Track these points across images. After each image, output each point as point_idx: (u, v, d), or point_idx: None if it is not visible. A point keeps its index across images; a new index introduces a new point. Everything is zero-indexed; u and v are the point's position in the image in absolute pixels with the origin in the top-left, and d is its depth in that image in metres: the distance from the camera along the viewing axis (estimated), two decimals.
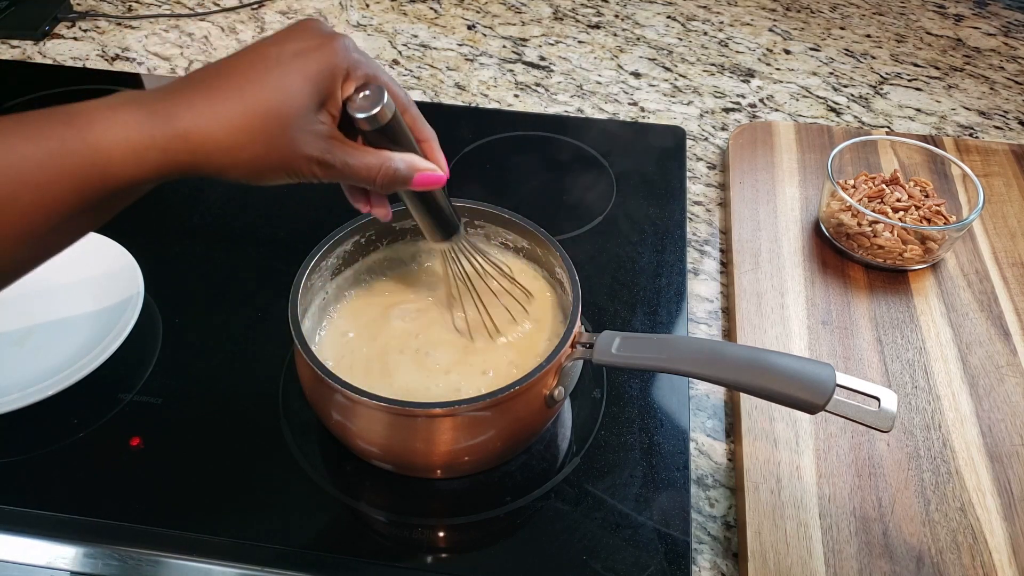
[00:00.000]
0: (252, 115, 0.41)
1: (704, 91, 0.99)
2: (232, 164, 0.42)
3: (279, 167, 0.43)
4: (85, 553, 0.55)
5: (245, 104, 0.41)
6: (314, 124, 0.43)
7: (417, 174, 0.48)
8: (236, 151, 0.41)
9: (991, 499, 0.57)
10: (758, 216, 0.78)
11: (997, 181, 0.82)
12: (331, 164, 0.44)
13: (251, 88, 0.42)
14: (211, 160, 0.41)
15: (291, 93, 0.42)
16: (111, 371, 0.63)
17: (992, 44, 1.07)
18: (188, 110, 0.40)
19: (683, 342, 0.55)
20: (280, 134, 0.42)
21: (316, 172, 0.44)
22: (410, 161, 0.47)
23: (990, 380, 0.64)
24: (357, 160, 0.45)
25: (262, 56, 0.43)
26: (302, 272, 0.57)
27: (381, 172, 0.46)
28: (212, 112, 0.41)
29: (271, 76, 0.42)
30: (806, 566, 0.53)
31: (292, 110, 0.42)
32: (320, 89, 0.43)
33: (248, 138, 0.41)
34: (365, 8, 1.12)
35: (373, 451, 0.54)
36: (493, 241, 0.64)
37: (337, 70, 0.44)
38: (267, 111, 0.41)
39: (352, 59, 0.44)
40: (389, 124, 0.46)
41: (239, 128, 0.41)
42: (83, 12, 1.08)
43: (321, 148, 0.43)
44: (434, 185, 0.49)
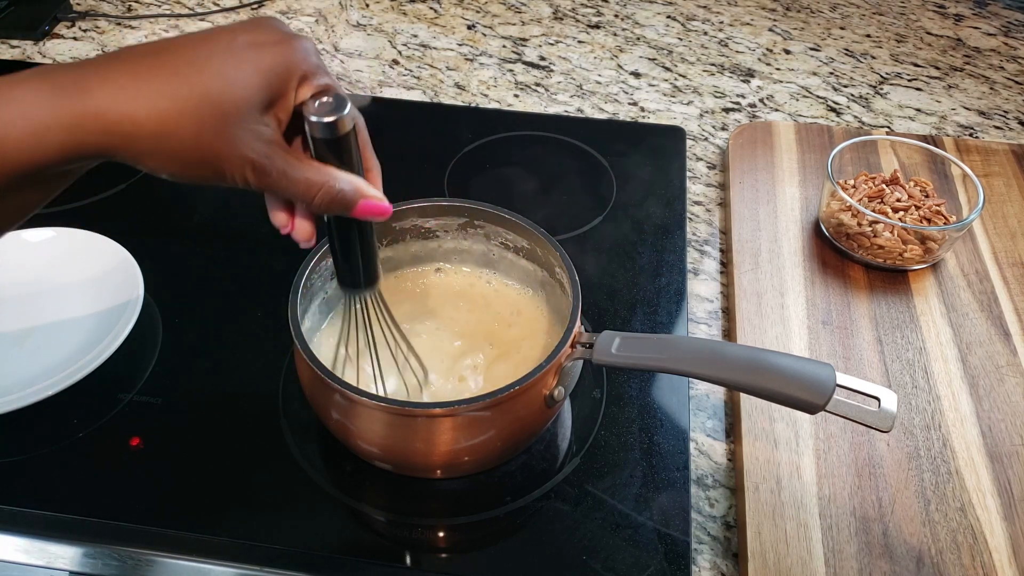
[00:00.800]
0: (184, 99, 0.37)
1: (704, 91, 0.99)
2: (150, 152, 0.37)
3: (206, 163, 0.38)
4: (85, 553, 0.55)
5: (177, 86, 0.37)
6: (257, 123, 0.39)
7: (362, 200, 0.43)
8: (157, 138, 0.37)
9: (991, 499, 0.57)
10: (758, 216, 0.78)
11: (997, 181, 0.82)
12: (267, 171, 0.39)
13: (188, 70, 0.37)
14: (128, 145, 0.37)
15: (236, 83, 0.37)
16: (111, 371, 0.63)
17: (992, 44, 1.07)
18: (105, 85, 0.36)
19: (683, 342, 0.55)
20: (214, 127, 0.37)
21: (248, 177, 0.39)
22: (357, 184, 0.43)
23: (990, 380, 0.64)
24: (298, 172, 0.40)
25: (209, 41, 0.38)
26: (302, 272, 0.57)
27: (323, 190, 0.41)
28: (135, 89, 0.36)
29: (215, 60, 0.38)
30: (806, 566, 0.53)
31: (234, 102, 0.37)
32: (272, 86, 0.39)
33: (176, 125, 0.37)
34: (365, 8, 1.12)
35: (373, 451, 0.54)
36: (493, 241, 0.64)
37: (294, 70, 0.40)
38: (202, 97, 0.37)
39: (312, 63, 0.40)
40: (343, 138, 0.42)
41: (165, 112, 0.36)
42: (83, 12, 1.08)
43: (260, 151, 0.39)
44: (378, 217, 0.44)
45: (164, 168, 0.38)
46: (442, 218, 0.64)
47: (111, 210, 0.79)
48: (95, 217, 0.77)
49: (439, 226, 0.64)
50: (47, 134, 0.35)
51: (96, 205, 0.80)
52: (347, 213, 0.43)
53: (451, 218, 0.64)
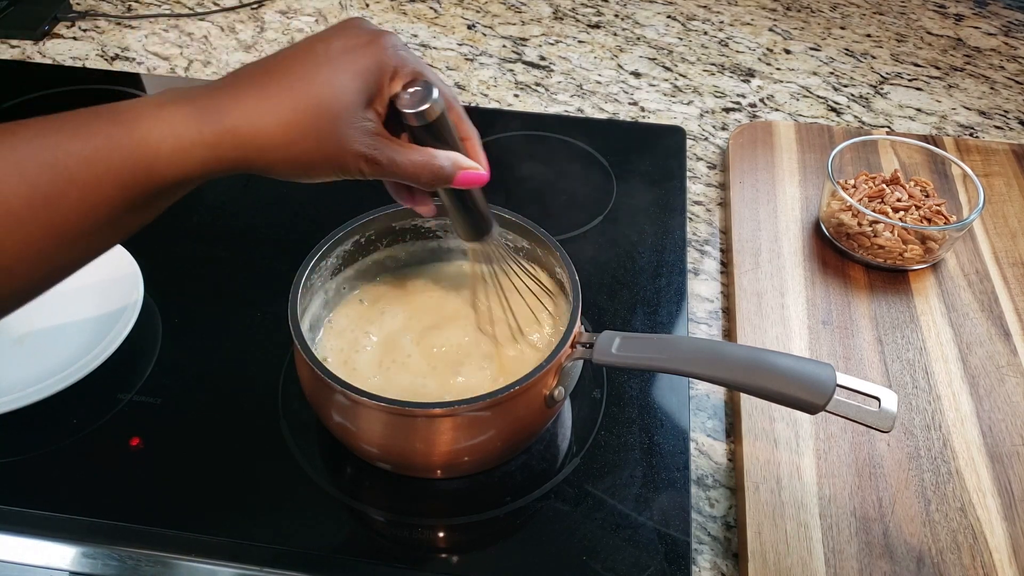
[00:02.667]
0: (302, 110, 0.41)
1: (704, 91, 0.99)
2: (281, 160, 0.42)
3: (327, 163, 0.43)
4: (85, 553, 0.55)
5: (295, 99, 0.41)
6: (362, 120, 0.43)
7: (460, 172, 0.48)
8: (286, 146, 0.41)
9: (991, 499, 0.57)
10: (758, 216, 0.78)
11: (997, 181, 0.82)
12: (378, 161, 0.44)
13: (300, 84, 0.42)
14: (261, 156, 0.41)
15: (340, 89, 0.42)
16: (111, 371, 0.63)
17: (992, 44, 1.07)
18: (237, 105, 0.41)
19: (683, 342, 0.55)
20: (330, 130, 0.42)
21: (363, 168, 0.44)
22: (454, 159, 0.47)
23: (990, 380, 0.64)
24: (403, 157, 0.45)
25: (310, 53, 0.43)
26: (302, 272, 0.57)
27: (426, 170, 0.46)
28: (262, 107, 0.41)
29: (320, 72, 0.42)
30: (806, 566, 0.53)
31: (341, 106, 0.42)
32: (368, 85, 0.43)
33: (298, 133, 0.41)
34: (365, 8, 1.12)
35: (373, 451, 0.54)
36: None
37: (385, 67, 0.44)
38: (317, 106, 0.42)
39: (399, 56, 0.45)
40: (436, 121, 0.46)
41: (289, 123, 0.41)
42: (83, 12, 1.08)
43: (369, 144, 0.43)
44: (476, 184, 0.49)
45: (293, 173, 0.43)
46: (442, 218, 0.64)
47: None
48: None
49: (439, 226, 0.64)
50: (194, 150, 0.40)
51: None
52: (450, 185, 0.48)
53: None
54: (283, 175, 0.43)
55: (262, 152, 0.41)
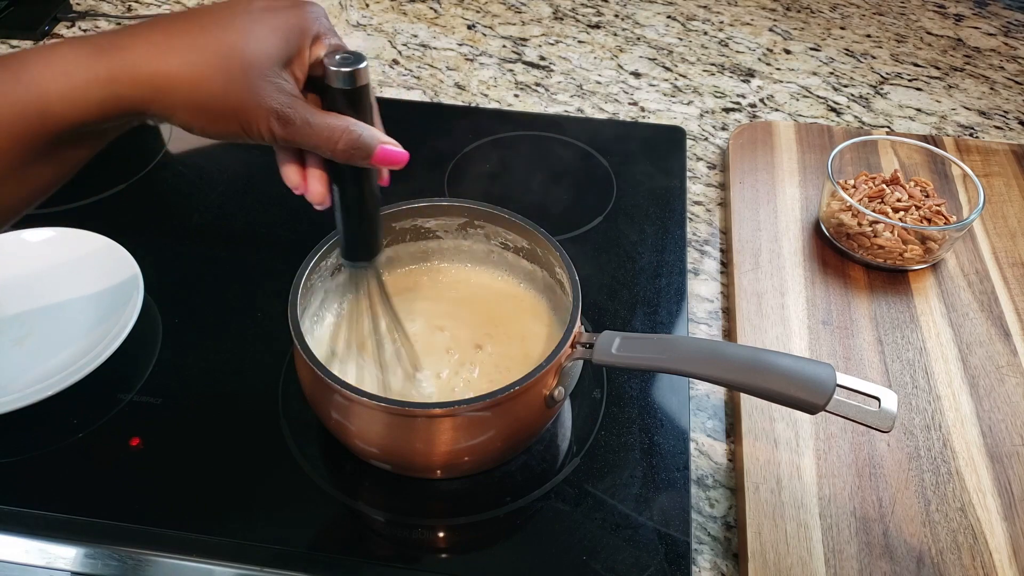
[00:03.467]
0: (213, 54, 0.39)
1: (704, 91, 0.99)
2: (183, 104, 0.40)
3: (232, 115, 0.41)
4: (85, 553, 0.55)
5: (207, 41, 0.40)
6: (277, 76, 0.41)
7: (380, 146, 0.45)
8: (189, 90, 0.39)
9: (991, 499, 0.57)
10: (758, 216, 0.78)
11: (997, 181, 0.82)
12: (291, 120, 0.41)
13: (215, 29, 0.40)
14: (160, 97, 0.39)
15: (257, 39, 0.40)
16: (111, 371, 0.63)
17: (992, 44, 1.07)
18: (139, 43, 0.39)
19: (683, 342, 0.55)
20: (241, 77, 0.40)
21: (273, 128, 0.41)
22: (375, 132, 0.45)
23: (990, 380, 0.64)
24: (319, 120, 0.43)
25: (230, 6, 0.42)
26: (302, 272, 0.56)
27: (344, 136, 0.43)
28: (168, 46, 0.39)
29: (238, 21, 0.41)
30: (806, 566, 0.53)
31: (256, 56, 0.40)
32: (289, 44, 0.41)
33: (205, 76, 0.39)
34: (365, 8, 1.12)
35: (373, 451, 0.54)
36: (493, 241, 0.64)
37: (308, 29, 0.42)
38: (230, 50, 0.40)
39: (324, 24, 0.43)
40: (362, 88, 0.44)
41: (195, 64, 0.39)
42: (83, 12, 1.08)
43: (283, 101, 0.41)
44: (395, 163, 0.46)
45: (194, 121, 0.41)
46: (442, 218, 0.64)
47: (111, 210, 0.79)
48: (95, 217, 0.77)
49: (439, 226, 0.64)
50: (87, 89, 0.38)
51: (96, 205, 0.80)
52: (367, 160, 0.45)
53: (451, 218, 0.64)
54: (184, 123, 0.41)
55: (163, 93, 0.39)
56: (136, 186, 0.82)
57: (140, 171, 0.83)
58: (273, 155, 0.47)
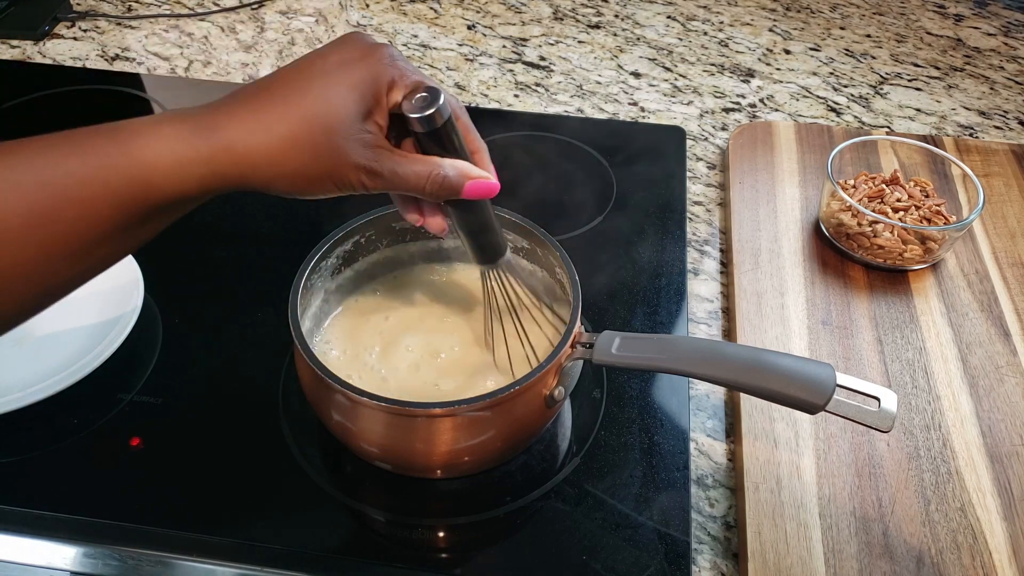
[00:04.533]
0: (297, 124, 0.41)
1: (704, 91, 0.99)
2: (278, 175, 0.42)
3: (325, 177, 0.43)
4: (85, 553, 0.55)
5: (290, 114, 0.41)
6: (360, 133, 0.42)
7: (468, 182, 0.46)
8: (282, 162, 0.41)
9: (991, 499, 0.57)
10: (758, 216, 0.78)
11: (997, 181, 0.82)
12: (378, 172, 0.43)
13: (295, 98, 0.41)
14: (257, 172, 0.41)
15: (336, 102, 0.42)
16: (111, 371, 0.63)
17: (992, 44, 1.07)
18: (232, 122, 0.41)
19: (683, 342, 0.55)
20: (326, 143, 0.41)
21: (364, 181, 0.43)
22: (461, 168, 0.46)
23: (990, 380, 0.64)
24: (405, 168, 0.44)
25: (306, 68, 0.43)
26: (302, 272, 0.57)
27: (430, 179, 0.45)
28: (256, 123, 0.41)
29: (315, 86, 0.42)
30: (806, 566, 0.53)
31: (337, 119, 0.41)
32: (365, 97, 0.42)
33: (294, 148, 0.41)
34: (365, 8, 1.12)
35: (373, 451, 0.54)
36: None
37: (382, 78, 0.43)
38: (312, 120, 0.41)
39: (398, 67, 0.44)
40: (442, 127, 0.45)
41: (284, 138, 0.41)
42: (83, 12, 1.08)
43: (368, 156, 0.43)
44: (486, 195, 0.47)
45: (292, 188, 0.43)
46: None
47: None
48: None
49: None
50: (191, 168, 0.40)
51: None
52: (457, 196, 0.46)
53: None
54: (283, 191, 0.43)
55: (258, 168, 0.41)
56: None
57: None
58: None
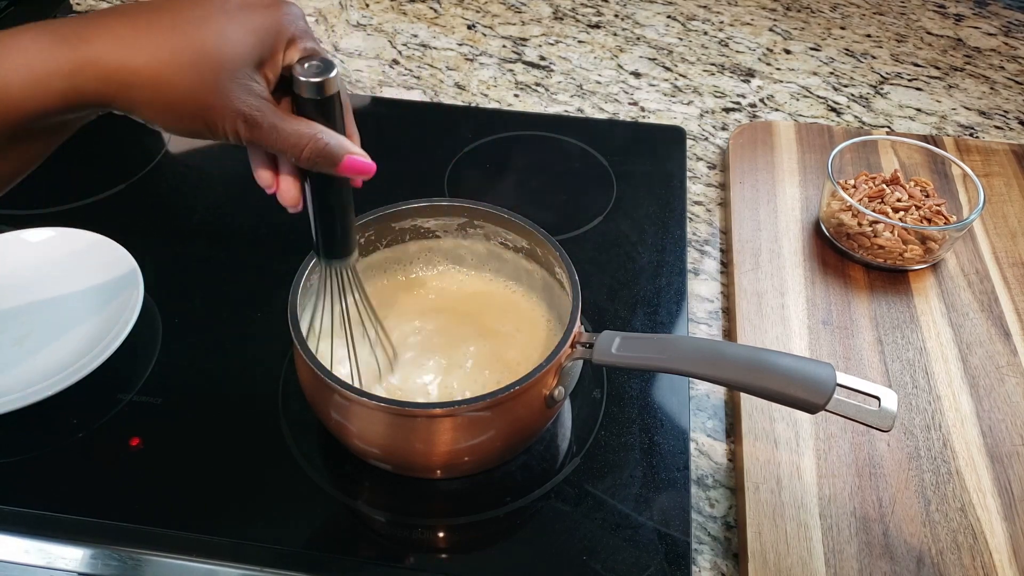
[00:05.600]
0: (182, 49, 0.38)
1: (704, 91, 0.99)
2: (148, 101, 0.39)
3: (200, 114, 0.40)
4: (85, 553, 0.55)
5: (176, 38, 0.38)
6: (249, 79, 0.40)
7: (347, 156, 0.44)
8: (156, 86, 0.38)
9: (991, 499, 0.57)
10: (758, 216, 0.78)
11: (997, 181, 0.82)
12: (258, 123, 0.41)
13: (187, 26, 0.39)
14: (125, 92, 0.38)
15: (230, 39, 0.39)
16: (111, 371, 0.63)
17: (992, 44, 1.07)
18: (104, 34, 0.38)
19: (683, 342, 0.55)
20: (211, 77, 0.39)
21: (240, 129, 0.41)
22: (342, 141, 0.44)
23: (990, 380, 0.64)
24: (288, 126, 0.42)
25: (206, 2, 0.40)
26: (302, 272, 0.57)
27: (311, 143, 0.42)
28: (134, 39, 0.38)
29: (211, 19, 0.39)
30: (806, 566, 0.53)
31: (228, 56, 0.39)
32: (262, 45, 0.40)
33: (173, 73, 0.38)
34: (365, 8, 1.12)
35: (373, 451, 0.54)
36: (493, 241, 0.64)
37: (283, 32, 0.41)
38: (200, 49, 0.38)
39: (300, 27, 0.42)
40: (331, 98, 0.43)
41: (163, 61, 0.38)
42: (83, 12, 1.08)
43: (252, 104, 0.40)
44: (362, 173, 0.45)
45: (158, 118, 0.40)
46: (442, 218, 0.64)
47: (111, 210, 0.79)
48: (95, 217, 0.77)
49: (439, 226, 0.64)
50: (48, 81, 0.37)
51: (96, 205, 0.80)
52: (333, 169, 0.44)
53: (451, 218, 0.64)
54: (147, 118, 0.39)
55: (127, 88, 0.38)
56: (136, 186, 0.82)
57: (140, 171, 0.83)
58: None
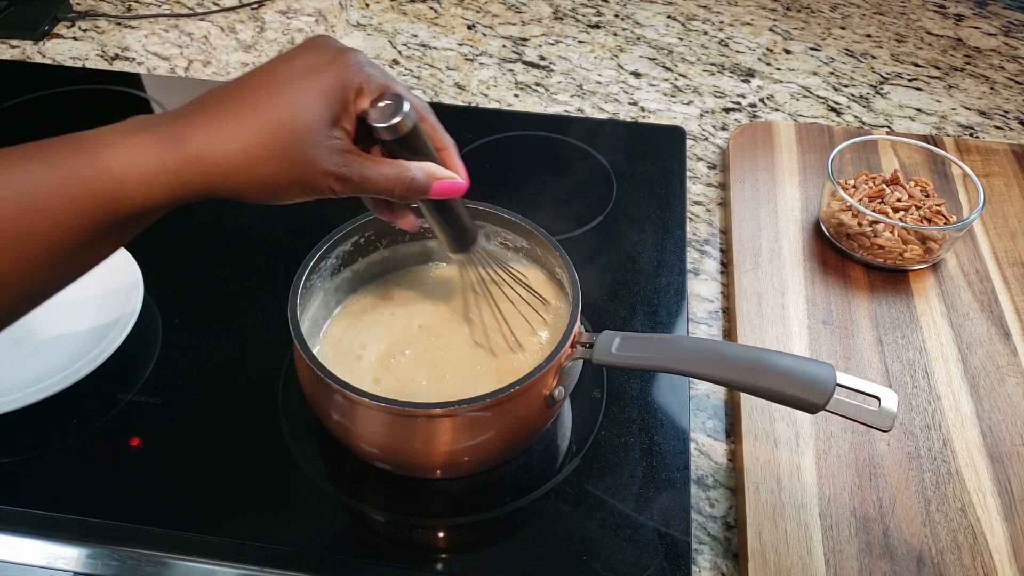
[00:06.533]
0: (265, 132, 0.41)
1: (704, 91, 0.99)
2: (247, 184, 0.42)
3: (295, 183, 0.43)
4: (86, 553, 0.55)
5: (258, 122, 0.41)
6: (328, 139, 0.43)
7: (435, 183, 0.47)
8: (251, 170, 0.41)
9: (991, 499, 0.57)
10: (758, 216, 0.78)
11: (997, 181, 0.82)
12: (348, 177, 0.44)
13: (262, 106, 0.42)
14: (226, 181, 0.41)
15: (303, 109, 0.42)
16: (111, 371, 0.63)
17: (992, 44, 1.07)
18: (199, 131, 0.41)
19: (683, 342, 0.55)
20: (295, 150, 0.42)
21: (333, 186, 0.44)
22: (428, 170, 0.47)
23: (990, 380, 0.64)
24: (374, 172, 0.45)
25: (273, 74, 0.43)
26: (302, 272, 0.57)
27: (399, 182, 0.45)
28: (224, 131, 0.41)
29: (282, 93, 0.42)
30: (806, 566, 0.53)
31: (305, 125, 0.42)
32: (332, 104, 0.43)
33: (262, 155, 0.41)
34: (365, 8, 1.12)
35: (373, 451, 0.54)
36: (493, 241, 0.64)
37: (349, 84, 0.43)
38: (280, 127, 0.41)
39: (364, 73, 0.44)
40: (408, 134, 0.45)
41: (252, 145, 0.41)
42: (83, 12, 1.08)
43: (337, 162, 0.43)
44: (454, 193, 0.48)
45: (261, 196, 0.43)
46: None
47: None
48: None
49: None
50: (159, 178, 0.40)
51: None
52: (425, 196, 0.47)
53: None
54: (252, 198, 0.43)
55: (228, 177, 0.41)
56: None
57: None
58: None
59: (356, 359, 0.59)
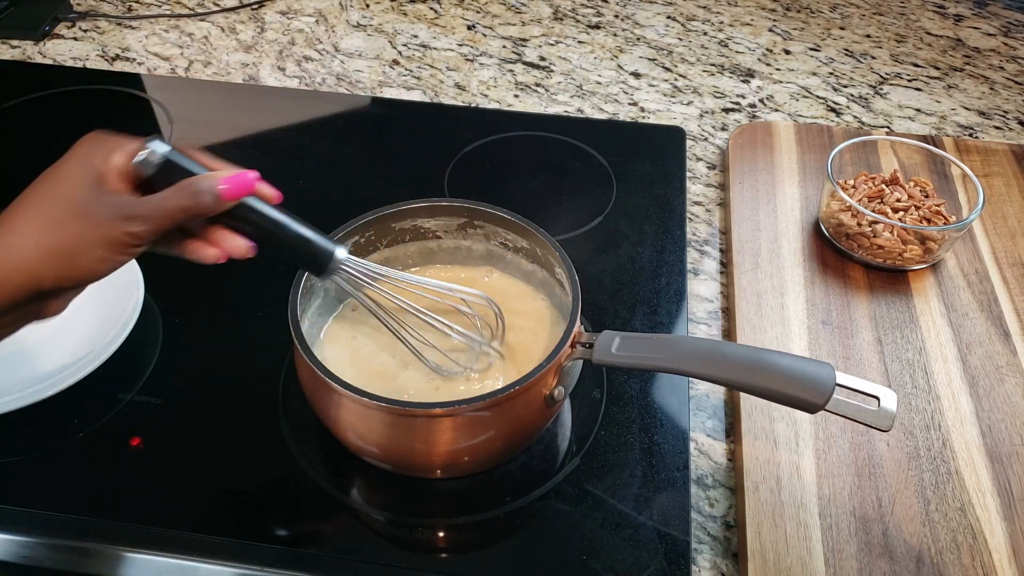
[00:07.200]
0: (41, 209, 0.43)
1: (704, 91, 0.99)
2: (48, 267, 0.43)
3: (95, 243, 0.44)
4: (85, 553, 0.55)
5: (33, 212, 0.44)
6: (100, 196, 0.44)
7: (220, 182, 0.46)
8: (45, 257, 0.43)
9: (991, 499, 0.57)
10: (758, 216, 0.78)
11: (997, 181, 0.82)
12: (138, 214, 0.44)
13: (34, 200, 0.44)
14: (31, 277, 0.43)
15: (62, 180, 0.44)
16: (111, 371, 0.63)
17: (992, 44, 1.07)
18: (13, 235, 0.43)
19: (683, 342, 0.55)
20: (71, 212, 0.43)
21: (130, 230, 0.44)
22: (210, 175, 0.46)
23: (990, 380, 0.64)
24: (163, 198, 0.45)
25: (37, 181, 0.45)
26: (302, 272, 0.57)
27: (189, 195, 0.45)
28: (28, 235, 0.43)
29: (43, 183, 0.45)
30: (806, 566, 0.53)
31: (70, 190, 0.44)
32: (88, 169, 0.44)
33: (48, 237, 0.43)
34: (365, 8, 1.12)
35: (373, 451, 0.54)
36: (493, 241, 0.64)
37: (96, 151, 0.45)
38: (51, 204, 0.43)
39: (109, 139, 0.46)
40: (168, 161, 0.46)
41: (41, 231, 0.43)
42: (83, 12, 1.08)
43: (119, 206, 0.44)
44: (246, 187, 0.47)
45: (70, 271, 0.44)
46: (442, 218, 0.64)
47: None
48: None
49: (439, 226, 0.64)
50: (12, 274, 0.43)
51: None
52: (222, 199, 0.46)
53: (451, 218, 0.64)
54: (64, 279, 0.44)
55: (30, 273, 0.43)
56: None
57: None
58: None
59: (356, 359, 0.59)
